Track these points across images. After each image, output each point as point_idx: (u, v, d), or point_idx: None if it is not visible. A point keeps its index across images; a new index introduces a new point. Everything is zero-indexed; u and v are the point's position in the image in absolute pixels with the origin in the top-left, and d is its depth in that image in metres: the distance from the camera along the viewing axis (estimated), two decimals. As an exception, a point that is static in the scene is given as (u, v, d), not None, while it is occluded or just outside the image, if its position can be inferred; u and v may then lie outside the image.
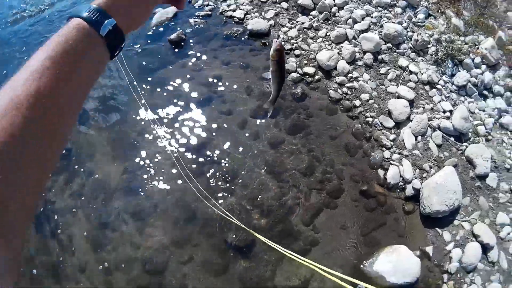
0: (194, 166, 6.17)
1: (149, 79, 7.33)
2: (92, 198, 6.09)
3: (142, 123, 6.76)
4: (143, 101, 6.64)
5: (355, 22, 7.65)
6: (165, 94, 7.09)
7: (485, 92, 7.22)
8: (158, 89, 7.14)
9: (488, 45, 7.44)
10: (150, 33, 8.35)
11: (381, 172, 6.15)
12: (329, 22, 7.85)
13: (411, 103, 6.72)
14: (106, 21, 0.86)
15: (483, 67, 7.34)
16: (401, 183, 6.09)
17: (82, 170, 6.40)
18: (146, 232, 5.67)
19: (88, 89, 0.87)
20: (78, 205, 6.08)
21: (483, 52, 7.37)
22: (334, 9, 7.93)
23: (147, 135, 6.61)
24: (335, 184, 6.01)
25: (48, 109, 0.74)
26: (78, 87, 0.82)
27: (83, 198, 6.11)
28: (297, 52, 7.42)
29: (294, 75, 7.08)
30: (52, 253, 5.64)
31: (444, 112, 6.75)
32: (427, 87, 6.99)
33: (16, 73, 0.75)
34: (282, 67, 1.84)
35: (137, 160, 6.38)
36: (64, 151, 6.58)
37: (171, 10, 8.62)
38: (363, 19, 7.69)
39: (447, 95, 6.96)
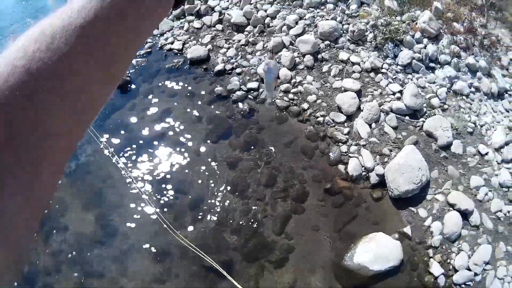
0: (160, 201, 6.17)
1: (102, 125, 7.32)
2: (73, 251, 6.05)
3: (105, 168, 6.76)
4: (103, 146, 6.68)
5: (289, 28, 7.70)
6: (120, 137, 7.10)
7: (432, 64, 7.26)
8: (112, 134, 7.14)
9: (426, 18, 7.49)
10: None
11: (341, 167, 6.17)
12: (265, 33, 7.90)
13: (359, 93, 6.75)
14: None
15: (425, 40, 7.39)
16: (364, 173, 6.10)
17: (57, 226, 6.33)
18: (129, 273, 5.64)
19: (143, 38, 0.68)
20: (61, 261, 6.02)
21: (422, 26, 7.38)
22: (267, 20, 7.98)
23: (112, 179, 6.61)
24: (298, 189, 6.01)
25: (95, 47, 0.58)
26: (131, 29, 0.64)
27: (63, 254, 6.06)
28: (238, 70, 7.47)
29: (239, 93, 7.11)
30: None
31: (394, 94, 6.78)
32: (372, 74, 7.02)
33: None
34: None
35: (107, 205, 6.38)
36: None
37: None
38: (296, 23, 7.74)
39: (394, 77, 6.98)
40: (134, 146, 6.91)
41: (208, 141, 6.68)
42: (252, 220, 5.79)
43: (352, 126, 6.48)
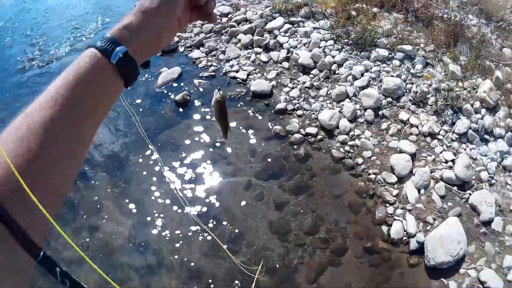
0: (199, 225, 6.25)
1: (155, 139, 7.52)
2: (99, 252, 6.17)
3: (150, 179, 6.93)
4: (156, 157, 6.89)
5: (355, 78, 7.77)
6: (171, 154, 7.25)
7: (486, 136, 7.18)
8: (163, 150, 7.32)
9: (486, 87, 7.43)
10: (155, 93, 8.57)
11: (384, 228, 6.14)
12: (330, 80, 7.99)
13: (413, 156, 6.75)
14: (117, 49, 0.88)
15: (483, 111, 7.31)
16: (405, 238, 6.07)
17: (89, 223, 6.51)
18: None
19: (101, 115, 0.90)
20: (89, 256, 5.95)
21: (482, 95, 7.36)
22: (334, 66, 8.07)
23: (154, 192, 6.75)
24: (339, 242, 6.02)
25: (63, 134, 0.79)
26: (90, 112, 0.86)
27: (89, 252, 6.18)
28: (299, 112, 7.56)
29: (297, 135, 7.18)
30: None
31: (446, 162, 6.74)
32: (428, 139, 7.01)
33: (35, 100, 0.81)
34: (224, 113, 2.03)
35: (144, 215, 6.50)
36: (69, 203, 6.78)
37: (176, 70, 8.85)
38: (362, 75, 7.81)
39: (449, 145, 6.96)
40: (181, 167, 7.05)
41: (259, 178, 6.75)
42: (287, 264, 5.81)
43: (401, 188, 6.49)
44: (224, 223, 6.31)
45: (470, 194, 6.47)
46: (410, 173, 6.62)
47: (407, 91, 7.58)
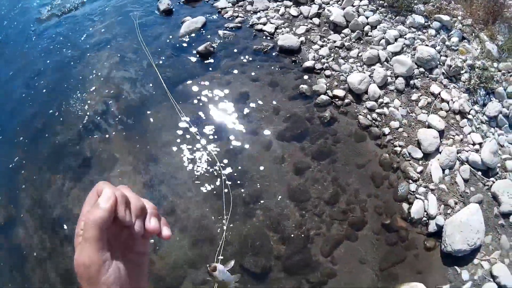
0: (215, 185, 5.72)
1: (176, 90, 6.85)
2: None
3: (168, 133, 6.38)
4: (175, 110, 6.26)
5: (388, 43, 7.01)
6: (191, 107, 6.64)
7: (516, 124, 6.55)
8: (183, 102, 6.65)
9: (521, 71, 6.75)
10: (178, 43, 7.87)
11: (405, 205, 5.61)
12: (362, 41, 7.23)
13: (441, 133, 6.12)
14: None
15: (516, 96, 6.65)
16: (424, 218, 5.54)
17: (102, 179, 5.91)
18: (162, 250, 5.28)
19: None
20: None
21: (515, 79, 6.69)
22: (367, 27, 7.30)
23: (170, 149, 6.19)
24: (358, 215, 5.49)
25: None
26: None
27: None
28: (327, 72, 6.84)
29: (323, 97, 6.51)
30: (62, 260, 5.40)
31: (474, 144, 6.15)
32: (458, 117, 6.37)
33: None
34: None
35: (157, 174, 5.98)
36: (83, 157, 6.41)
37: (200, 20, 8.09)
38: (396, 40, 7.04)
39: (478, 126, 6.34)
40: (201, 121, 6.48)
41: (281, 139, 6.15)
42: (303, 234, 5.31)
43: (426, 166, 5.89)
44: (241, 183, 5.76)
45: (494, 182, 5.94)
46: (437, 150, 6.01)
47: (441, 63, 6.87)
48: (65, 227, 5.72)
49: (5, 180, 6.57)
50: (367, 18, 7.39)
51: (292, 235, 5.28)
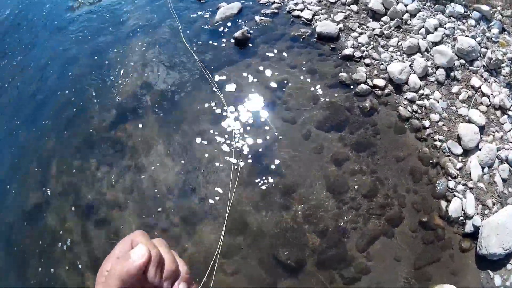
0: (252, 172, 5.46)
1: (212, 76, 6.55)
2: (143, 195, 5.54)
3: (204, 120, 6.10)
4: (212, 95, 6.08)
5: (428, 32, 6.56)
6: (228, 94, 6.33)
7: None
8: (220, 88, 6.32)
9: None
10: (213, 28, 7.51)
11: (443, 203, 5.27)
12: (401, 30, 6.77)
13: (481, 129, 5.72)
14: None
15: (556, 93, 6.20)
16: (461, 218, 5.20)
17: (135, 165, 5.84)
18: (194, 238, 5.06)
19: None
20: (128, 200, 5.55)
21: (556, 76, 6.22)
22: (406, 16, 6.84)
23: (205, 136, 5.91)
24: (395, 211, 5.17)
25: None
26: None
27: (133, 194, 5.57)
28: (367, 61, 6.45)
29: (363, 86, 6.13)
30: (93, 244, 5.26)
31: (513, 142, 5.71)
32: (498, 113, 5.95)
33: None
34: None
35: (193, 160, 5.71)
36: (119, 142, 6.20)
37: (236, 5, 7.71)
38: (436, 29, 6.58)
39: (518, 123, 5.88)
40: (238, 108, 6.16)
41: (320, 128, 5.81)
42: (339, 228, 5.01)
43: (465, 162, 5.52)
44: (279, 173, 5.47)
45: (532, 183, 5.49)
46: (477, 147, 5.63)
47: (481, 55, 6.40)
48: (98, 212, 5.54)
49: (37, 164, 6.37)
50: (405, 6, 6.92)
51: (328, 228, 5.00)
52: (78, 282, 4.99)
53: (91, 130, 6.44)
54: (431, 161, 5.51)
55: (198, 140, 5.85)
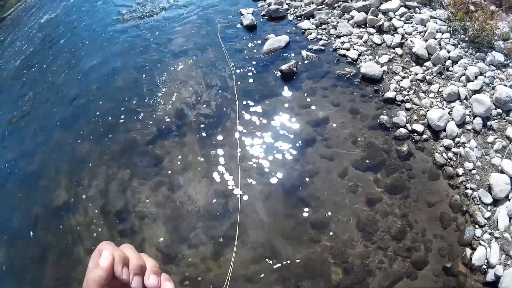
0: (287, 204, 5.54)
1: (254, 106, 6.73)
2: (175, 212, 5.69)
3: (242, 148, 6.21)
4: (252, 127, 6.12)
5: (468, 80, 6.46)
6: (268, 124, 6.46)
7: None
8: (262, 118, 6.53)
9: None
10: (260, 59, 7.61)
11: (468, 251, 5.16)
12: (442, 76, 6.69)
13: (512, 180, 5.58)
14: None
15: None
16: (484, 266, 5.08)
17: (170, 182, 6.01)
18: (221, 258, 5.17)
19: None
20: (159, 214, 5.70)
21: None
22: (448, 62, 6.75)
23: (244, 161, 6.04)
24: (421, 254, 5.12)
25: None
26: None
27: (164, 209, 5.73)
28: (408, 105, 6.42)
29: (402, 130, 6.10)
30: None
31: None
32: (531, 164, 5.78)
33: None
34: None
35: (227, 185, 5.83)
36: (154, 157, 6.35)
37: (284, 39, 7.80)
38: (476, 77, 6.47)
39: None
40: (278, 139, 6.26)
41: (356, 167, 5.83)
42: (365, 265, 5.01)
43: (494, 212, 5.42)
44: (312, 207, 5.52)
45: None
46: (506, 197, 5.50)
47: (518, 106, 6.22)
48: (125, 221, 5.70)
49: (71, 165, 6.61)
50: (448, 52, 6.83)
51: (354, 265, 5.01)
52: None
53: (129, 142, 6.63)
54: (461, 208, 5.43)
55: (232, 165, 6.00)
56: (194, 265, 5.18)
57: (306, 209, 5.47)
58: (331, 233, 5.25)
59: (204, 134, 6.51)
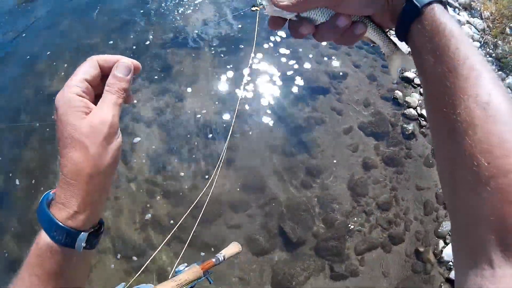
0: (287, 141, 5.20)
1: (274, 39, 6.19)
2: (173, 122, 5.24)
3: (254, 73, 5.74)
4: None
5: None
6: (285, 61, 5.98)
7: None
8: (280, 54, 6.06)
9: None
10: None
11: (441, 243, 4.94)
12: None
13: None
14: (77, 239, 0.59)
15: None
16: (451, 263, 4.88)
17: (175, 91, 5.56)
18: (209, 178, 4.71)
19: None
20: (156, 120, 5.25)
21: None
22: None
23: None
24: (400, 231, 4.85)
25: None
26: None
27: (164, 116, 5.32)
28: (422, 90, 5.99)
29: (412, 111, 5.75)
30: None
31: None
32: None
33: None
34: None
35: (230, 106, 5.35)
36: (166, 66, 5.81)
37: None
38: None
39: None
40: (299, 76, 5.76)
41: (361, 129, 5.48)
42: (345, 226, 4.71)
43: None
44: (310, 153, 5.17)
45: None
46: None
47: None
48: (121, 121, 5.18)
49: (74, 56, 6.00)
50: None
51: (336, 221, 4.70)
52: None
53: (142, 42, 6.07)
54: (444, 202, 5.22)
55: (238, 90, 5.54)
56: (179, 180, 4.75)
57: (304, 153, 5.13)
58: (322, 183, 4.92)
59: (220, 52, 5.98)
